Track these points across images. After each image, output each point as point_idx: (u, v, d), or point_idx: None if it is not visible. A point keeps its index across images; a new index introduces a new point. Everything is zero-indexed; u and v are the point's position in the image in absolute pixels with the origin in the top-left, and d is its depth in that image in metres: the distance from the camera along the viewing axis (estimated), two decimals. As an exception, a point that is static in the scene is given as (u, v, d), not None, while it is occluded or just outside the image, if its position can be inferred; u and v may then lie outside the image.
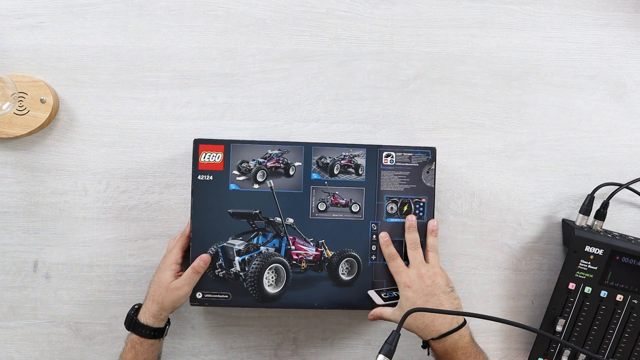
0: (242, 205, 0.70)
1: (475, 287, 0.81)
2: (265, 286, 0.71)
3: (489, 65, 0.80)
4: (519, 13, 0.80)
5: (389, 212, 0.71)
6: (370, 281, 0.72)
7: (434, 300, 0.65)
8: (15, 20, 0.76)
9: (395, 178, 0.71)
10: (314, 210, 0.70)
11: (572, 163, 0.81)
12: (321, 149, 0.70)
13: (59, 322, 0.79)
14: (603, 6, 0.81)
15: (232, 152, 0.69)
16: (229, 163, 0.69)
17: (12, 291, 0.78)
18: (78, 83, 0.77)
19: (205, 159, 0.69)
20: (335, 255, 0.71)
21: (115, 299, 0.79)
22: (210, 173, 0.69)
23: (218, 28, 0.78)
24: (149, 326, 0.68)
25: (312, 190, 0.70)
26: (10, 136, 0.74)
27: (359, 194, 0.71)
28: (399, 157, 0.71)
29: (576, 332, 0.75)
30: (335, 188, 0.70)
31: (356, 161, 0.70)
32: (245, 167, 0.69)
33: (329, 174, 0.70)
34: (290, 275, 0.71)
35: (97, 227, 0.78)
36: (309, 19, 0.78)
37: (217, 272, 0.71)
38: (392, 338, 0.59)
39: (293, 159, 0.70)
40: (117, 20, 0.77)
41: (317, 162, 0.70)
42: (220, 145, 0.69)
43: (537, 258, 0.81)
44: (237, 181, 0.70)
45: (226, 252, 0.70)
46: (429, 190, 0.72)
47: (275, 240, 0.71)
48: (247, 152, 0.69)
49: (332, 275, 0.71)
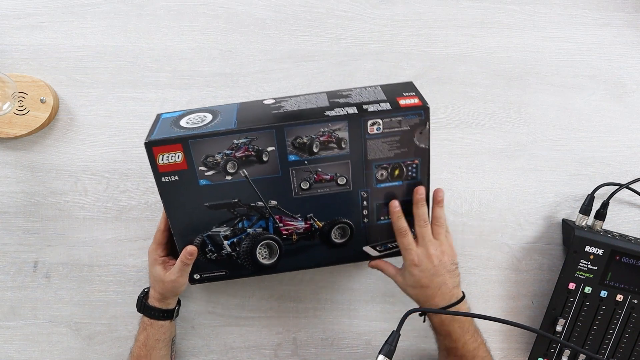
0: (219, 197, 0.65)
1: (475, 287, 0.81)
2: (259, 259, 0.70)
3: (489, 65, 0.80)
4: (519, 13, 0.80)
5: (379, 179, 0.66)
6: (365, 240, 0.70)
7: (438, 280, 0.66)
8: (15, 20, 0.76)
9: (383, 145, 0.64)
10: (297, 190, 0.66)
11: (572, 163, 0.81)
12: (296, 129, 0.61)
13: (59, 322, 0.79)
14: (603, 6, 0.81)
15: (192, 149, 0.61)
16: (192, 160, 0.62)
17: (12, 291, 0.78)
18: (78, 83, 0.77)
19: (165, 161, 0.61)
20: (326, 224, 0.68)
21: (115, 299, 0.79)
22: (174, 174, 0.62)
23: (218, 28, 0.78)
24: (157, 308, 0.70)
25: (292, 172, 0.64)
26: (10, 136, 0.74)
27: (344, 166, 0.65)
28: (386, 124, 0.62)
29: (576, 332, 0.75)
30: (318, 165, 0.64)
31: (337, 135, 0.62)
32: (212, 161, 0.62)
33: (308, 154, 0.63)
34: (283, 247, 0.69)
35: (97, 227, 0.78)
36: (309, 19, 0.78)
37: (209, 256, 0.69)
38: (392, 338, 0.59)
39: (264, 144, 0.62)
40: (117, 20, 0.77)
41: (292, 144, 0.62)
42: (177, 145, 0.60)
43: (537, 258, 0.81)
44: (206, 176, 0.63)
45: (213, 239, 0.68)
46: (423, 152, 0.65)
47: (261, 221, 0.68)
48: (210, 146, 0.61)
49: (325, 241, 0.69)
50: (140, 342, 0.71)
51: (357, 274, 0.81)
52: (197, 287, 0.79)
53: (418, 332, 0.80)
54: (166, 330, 0.71)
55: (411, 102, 0.63)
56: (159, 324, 0.70)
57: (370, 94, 0.65)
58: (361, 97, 0.65)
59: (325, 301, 0.81)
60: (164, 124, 0.64)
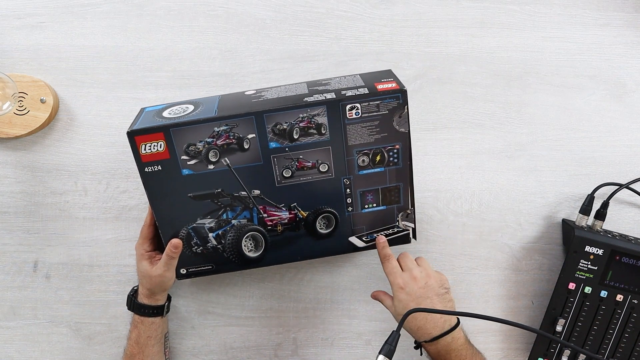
0: (202, 187, 0.65)
1: (475, 287, 0.81)
2: (245, 252, 0.70)
3: (489, 65, 0.80)
4: (519, 13, 0.80)
5: (361, 165, 0.66)
6: (350, 229, 0.70)
7: (426, 303, 0.65)
8: (15, 20, 0.76)
9: (363, 130, 0.64)
10: (279, 179, 0.66)
11: (572, 163, 0.81)
12: (275, 115, 0.62)
13: (59, 322, 0.79)
14: (603, 6, 0.81)
15: (174, 137, 0.62)
16: (174, 149, 0.62)
17: (12, 291, 0.78)
18: (78, 83, 0.77)
19: (147, 150, 0.62)
20: (310, 214, 0.69)
21: (115, 299, 0.79)
22: (157, 163, 0.63)
23: (218, 28, 0.78)
24: (147, 305, 0.70)
25: (274, 160, 0.64)
26: (10, 136, 0.74)
27: (326, 153, 0.65)
28: (365, 108, 0.63)
29: (576, 332, 0.75)
30: (299, 152, 0.64)
31: (317, 121, 0.63)
32: (194, 150, 0.63)
33: (289, 140, 0.63)
34: (269, 239, 0.69)
35: (97, 227, 0.78)
36: (309, 19, 0.78)
37: (195, 249, 0.69)
38: (392, 338, 0.59)
39: (245, 131, 0.62)
40: (117, 20, 0.77)
41: (272, 130, 0.63)
42: (158, 134, 0.61)
43: (537, 258, 0.81)
44: (189, 166, 0.64)
45: (198, 232, 0.68)
46: (403, 136, 0.65)
47: (245, 212, 0.68)
48: (191, 134, 0.62)
49: (311, 232, 0.69)
50: (133, 340, 0.71)
51: (357, 274, 0.81)
52: (197, 287, 0.79)
53: (418, 332, 0.80)
54: (157, 327, 0.71)
55: (389, 86, 0.64)
56: (149, 320, 0.70)
57: (349, 81, 0.67)
58: (340, 84, 0.66)
59: (325, 301, 0.81)
60: (147, 116, 0.65)
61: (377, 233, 0.71)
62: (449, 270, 0.81)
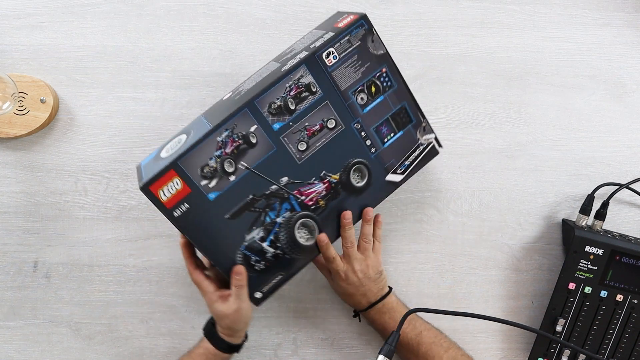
0: (234, 203, 0.63)
1: (475, 287, 0.81)
2: (303, 243, 0.67)
3: (489, 65, 0.80)
4: (519, 13, 0.80)
5: (362, 104, 0.66)
6: (383, 169, 0.70)
7: (362, 289, 0.71)
8: (15, 20, 0.76)
9: (348, 70, 0.64)
10: (298, 155, 0.64)
11: (572, 163, 0.81)
12: (265, 97, 0.61)
13: (59, 322, 0.79)
14: (603, 6, 0.81)
15: (185, 168, 0.59)
16: (191, 179, 0.60)
17: (12, 291, 0.78)
18: (78, 83, 0.77)
19: (167, 194, 0.59)
20: (342, 173, 0.67)
21: (115, 299, 0.79)
22: (182, 202, 0.60)
23: (218, 28, 0.78)
24: (226, 342, 0.67)
25: (284, 140, 0.63)
26: (10, 136, 0.74)
27: (326, 109, 0.65)
28: (339, 49, 0.63)
29: (576, 332, 0.75)
30: (303, 121, 0.64)
31: (304, 82, 0.62)
32: (209, 169, 0.60)
33: (288, 113, 0.63)
34: (317, 219, 0.68)
35: (97, 227, 0.78)
36: (309, 19, 0.78)
37: (257, 267, 0.66)
38: (392, 338, 0.59)
39: (246, 127, 0.61)
40: (117, 20, 0.77)
41: (270, 112, 0.62)
42: (169, 172, 0.59)
43: (537, 258, 0.81)
44: (212, 188, 0.61)
45: (252, 248, 0.65)
46: (384, 58, 0.66)
47: (285, 204, 0.65)
48: (200, 156, 0.60)
49: (350, 190, 0.69)
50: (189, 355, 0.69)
51: (357, 274, 0.81)
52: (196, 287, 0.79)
53: (418, 332, 0.80)
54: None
55: (348, 19, 0.64)
56: (224, 355, 0.68)
57: (310, 37, 0.67)
58: (304, 43, 0.66)
59: (325, 301, 0.81)
60: (148, 167, 0.63)
61: (406, 160, 0.71)
62: (449, 270, 0.81)
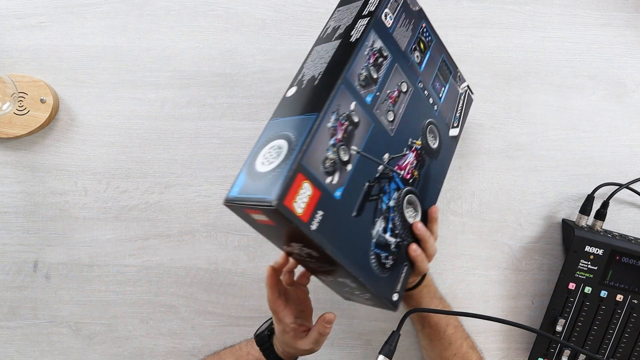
0: (356, 196, 0.56)
1: (475, 287, 0.81)
2: (411, 224, 0.64)
3: (489, 65, 0.80)
4: (519, 13, 0.80)
5: (418, 62, 0.65)
6: (445, 125, 0.69)
7: None
8: (15, 20, 0.76)
9: (401, 30, 0.63)
10: (389, 127, 0.60)
11: (572, 163, 0.81)
12: (352, 70, 0.56)
13: (59, 322, 0.79)
14: (603, 6, 0.81)
15: (310, 168, 0.51)
16: (318, 180, 0.52)
17: (12, 291, 0.78)
18: (78, 83, 0.77)
19: (301, 205, 0.50)
20: (422, 138, 0.65)
21: (115, 299, 0.79)
22: (316, 210, 0.51)
23: (218, 28, 0.78)
24: (277, 355, 0.66)
25: (376, 113, 0.59)
26: (10, 136, 0.74)
27: (398, 72, 0.62)
28: (391, 9, 0.61)
29: (576, 332, 0.75)
30: (385, 89, 0.60)
31: (376, 48, 0.59)
32: (330, 162, 0.53)
33: (374, 84, 0.58)
34: (416, 191, 0.65)
35: (97, 227, 0.78)
36: (309, 19, 0.78)
37: (387, 264, 0.60)
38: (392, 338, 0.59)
39: (346, 106, 0.55)
40: (117, 20, 0.77)
41: (360, 85, 0.57)
42: (297, 178, 0.49)
43: (537, 258, 0.81)
44: (335, 185, 0.54)
45: (380, 244, 0.59)
46: (422, 13, 0.66)
47: (392, 184, 0.61)
48: (318, 150, 0.52)
49: (431, 154, 0.67)
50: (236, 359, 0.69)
51: (357, 274, 0.81)
52: (197, 287, 0.79)
53: (418, 332, 0.81)
54: None
55: None
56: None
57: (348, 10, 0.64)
58: (348, 14, 0.63)
59: (325, 301, 0.81)
60: (251, 188, 0.51)
61: (457, 112, 0.70)
62: (449, 270, 0.81)
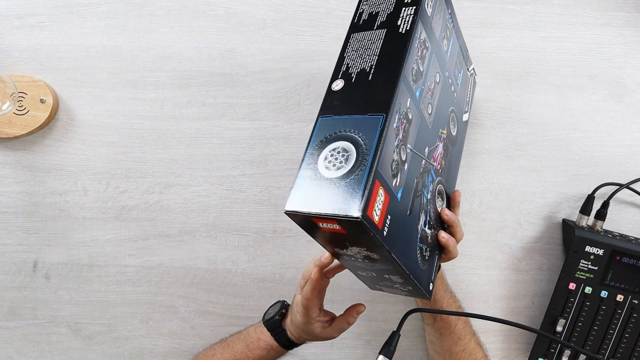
0: (409, 195, 0.54)
1: (475, 287, 0.81)
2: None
3: (489, 65, 0.80)
4: (519, 13, 0.80)
5: (445, 50, 0.62)
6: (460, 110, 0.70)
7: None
8: (15, 20, 0.76)
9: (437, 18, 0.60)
10: (429, 120, 0.58)
11: (572, 163, 0.81)
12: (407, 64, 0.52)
13: (58, 322, 0.79)
14: (603, 6, 0.81)
15: (383, 173, 0.47)
16: (387, 183, 0.48)
17: (12, 291, 0.78)
18: (78, 83, 0.77)
19: (377, 212, 0.46)
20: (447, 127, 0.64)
21: (115, 299, 0.79)
22: (387, 215, 0.48)
23: (218, 28, 0.78)
24: (290, 340, 0.66)
25: (422, 107, 0.56)
26: (10, 136, 0.74)
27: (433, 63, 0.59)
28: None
29: (576, 332, 0.75)
30: (426, 81, 0.57)
31: (422, 40, 0.56)
32: (395, 165, 0.50)
33: (421, 77, 0.56)
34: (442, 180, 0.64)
35: (97, 227, 0.78)
36: (309, 19, 0.78)
37: (426, 256, 0.58)
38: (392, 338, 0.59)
39: (404, 103, 0.52)
40: (117, 20, 0.77)
41: (413, 80, 0.54)
42: (375, 185, 0.46)
43: (537, 258, 0.81)
44: (397, 186, 0.51)
45: (423, 239, 0.58)
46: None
47: (429, 177, 0.60)
48: (387, 153, 0.49)
49: (454, 141, 0.67)
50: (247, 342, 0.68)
51: (357, 274, 0.81)
52: (197, 287, 0.79)
53: (418, 332, 0.80)
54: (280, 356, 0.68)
55: None
56: (281, 350, 0.67)
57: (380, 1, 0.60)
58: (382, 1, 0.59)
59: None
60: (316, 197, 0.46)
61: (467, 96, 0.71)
62: (449, 270, 0.81)
